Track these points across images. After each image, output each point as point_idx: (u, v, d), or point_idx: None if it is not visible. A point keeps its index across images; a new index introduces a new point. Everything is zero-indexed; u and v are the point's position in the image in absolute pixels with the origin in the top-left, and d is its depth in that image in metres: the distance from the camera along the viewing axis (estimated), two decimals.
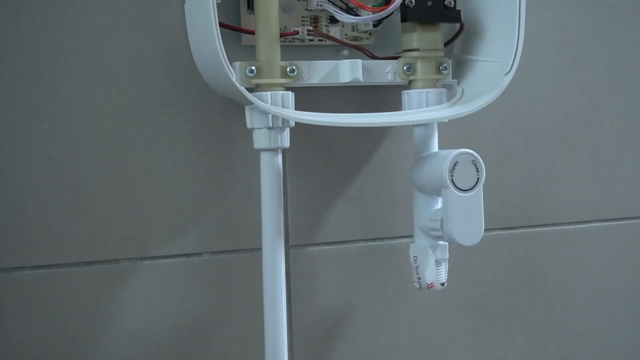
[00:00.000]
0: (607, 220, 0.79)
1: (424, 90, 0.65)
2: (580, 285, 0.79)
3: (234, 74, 0.59)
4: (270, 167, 0.62)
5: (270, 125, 0.61)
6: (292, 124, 0.62)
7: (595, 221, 0.79)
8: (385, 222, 0.71)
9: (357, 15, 0.64)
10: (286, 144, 0.62)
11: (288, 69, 0.62)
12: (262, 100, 0.60)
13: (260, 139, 0.62)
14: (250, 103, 0.59)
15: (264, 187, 0.62)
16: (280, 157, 0.62)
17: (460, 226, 0.61)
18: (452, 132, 0.72)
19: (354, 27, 0.66)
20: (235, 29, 0.62)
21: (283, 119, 0.61)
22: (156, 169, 0.64)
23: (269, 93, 0.60)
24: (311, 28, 0.64)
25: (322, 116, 0.62)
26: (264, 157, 0.62)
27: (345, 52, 0.66)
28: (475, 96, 0.65)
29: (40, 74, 0.61)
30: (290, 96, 0.61)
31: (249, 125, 0.62)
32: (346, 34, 0.66)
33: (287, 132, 0.62)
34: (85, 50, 0.62)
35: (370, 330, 0.71)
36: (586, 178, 0.78)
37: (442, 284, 0.65)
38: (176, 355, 0.66)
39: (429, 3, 0.64)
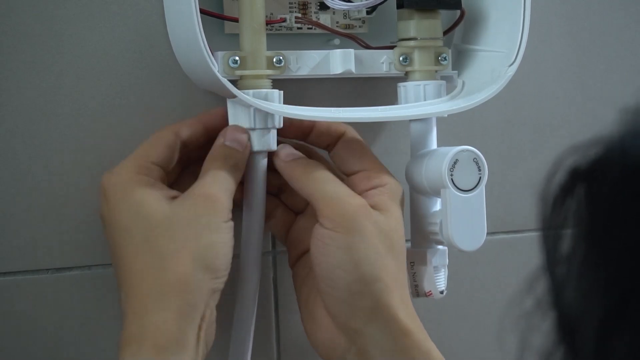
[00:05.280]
0: None
1: (422, 83, 0.65)
2: None
3: (216, 65, 0.59)
4: (256, 171, 0.62)
5: (254, 126, 0.61)
6: (280, 125, 0.62)
7: None
8: None
9: (349, 1, 0.64)
10: (273, 146, 0.62)
11: (274, 60, 0.62)
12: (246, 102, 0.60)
13: None
14: (233, 96, 0.59)
15: (247, 191, 0.63)
16: (265, 160, 0.63)
17: (460, 230, 0.62)
18: (451, 128, 0.71)
19: (346, 14, 0.66)
20: (217, 15, 0.62)
21: (269, 119, 0.61)
22: None
23: (259, 91, 0.61)
24: (300, 15, 0.64)
25: (312, 111, 0.62)
26: (251, 160, 0.62)
27: (337, 41, 0.66)
28: (477, 89, 0.65)
29: (2, 65, 0.61)
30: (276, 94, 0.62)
31: (231, 123, 0.62)
32: (337, 22, 0.66)
33: (273, 134, 0.62)
34: (53, 38, 0.61)
35: None
36: None
37: (442, 292, 0.65)
38: None
39: None
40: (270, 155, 0.63)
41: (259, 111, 0.61)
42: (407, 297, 0.60)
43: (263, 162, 0.62)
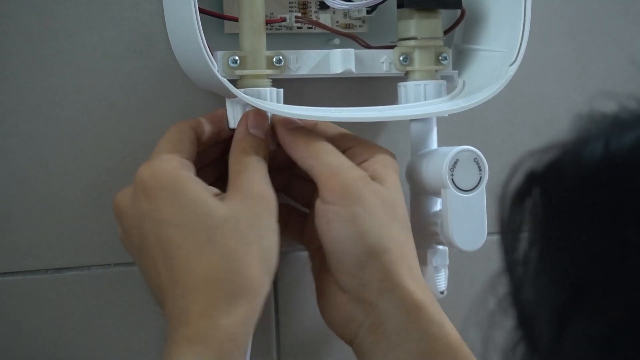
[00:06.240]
0: None
1: (422, 82, 0.65)
2: None
3: (216, 65, 0.59)
4: None
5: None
6: None
7: None
8: None
9: (349, 0, 0.64)
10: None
11: (274, 59, 0.62)
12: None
13: None
14: (233, 96, 0.59)
15: None
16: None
17: (461, 230, 0.62)
18: (452, 128, 0.71)
19: (346, 13, 0.66)
20: (217, 15, 0.62)
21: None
22: (131, 169, 0.62)
23: (259, 89, 0.60)
24: (299, 14, 0.64)
25: (312, 110, 0.62)
26: None
27: (337, 40, 0.66)
28: (477, 89, 0.65)
29: (2, 65, 0.61)
30: (276, 93, 0.61)
31: (231, 124, 0.62)
32: (338, 21, 0.66)
33: None
34: (53, 38, 0.61)
35: None
36: None
37: (442, 293, 0.65)
38: None
39: None
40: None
41: None
42: (418, 269, 0.59)
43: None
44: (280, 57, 0.62)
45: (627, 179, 0.34)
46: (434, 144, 0.66)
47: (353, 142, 0.62)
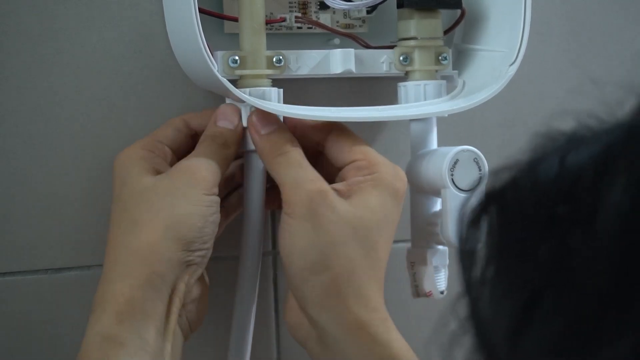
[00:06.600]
0: None
1: (422, 82, 0.65)
2: None
3: (216, 65, 0.59)
4: (254, 170, 0.62)
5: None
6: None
7: None
8: None
9: (349, 0, 0.63)
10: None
11: (274, 59, 0.62)
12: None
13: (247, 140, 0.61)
14: (234, 96, 0.59)
15: (246, 191, 0.63)
16: None
17: None
18: (452, 128, 0.71)
19: (346, 13, 0.66)
20: (217, 15, 0.62)
21: None
22: None
23: (259, 89, 0.60)
24: (299, 14, 0.64)
25: (312, 110, 0.62)
26: (250, 160, 0.62)
27: (337, 40, 0.66)
28: (477, 89, 0.65)
29: (2, 65, 0.60)
30: (277, 92, 0.61)
31: None
32: (338, 21, 0.66)
33: None
34: (53, 38, 0.61)
35: None
36: None
37: (442, 293, 0.65)
38: None
39: None
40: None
41: None
42: (371, 289, 0.58)
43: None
44: (280, 57, 0.62)
45: (581, 193, 0.35)
46: (434, 144, 0.66)
47: (357, 154, 0.61)
